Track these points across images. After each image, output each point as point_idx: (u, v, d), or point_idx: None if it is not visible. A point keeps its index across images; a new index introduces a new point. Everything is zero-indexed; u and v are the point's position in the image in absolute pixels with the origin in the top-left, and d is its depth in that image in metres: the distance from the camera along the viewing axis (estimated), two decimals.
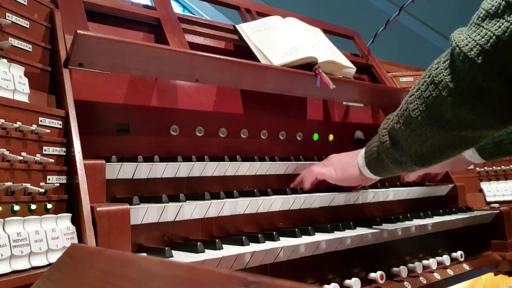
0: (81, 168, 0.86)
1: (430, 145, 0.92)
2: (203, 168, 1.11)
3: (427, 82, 0.86)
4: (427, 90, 0.86)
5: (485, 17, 0.75)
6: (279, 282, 0.34)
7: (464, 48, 0.76)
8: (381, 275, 1.15)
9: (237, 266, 0.87)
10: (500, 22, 0.72)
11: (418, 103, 0.89)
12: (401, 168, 1.04)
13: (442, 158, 0.97)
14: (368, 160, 1.13)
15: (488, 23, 0.74)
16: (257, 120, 1.40)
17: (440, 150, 0.93)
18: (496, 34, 0.72)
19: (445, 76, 0.82)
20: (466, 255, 1.38)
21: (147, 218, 0.90)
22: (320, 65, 1.37)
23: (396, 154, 1.01)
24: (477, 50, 0.74)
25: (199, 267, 0.42)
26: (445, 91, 0.82)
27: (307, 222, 1.26)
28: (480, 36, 0.74)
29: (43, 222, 0.78)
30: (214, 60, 1.16)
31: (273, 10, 1.60)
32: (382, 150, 1.05)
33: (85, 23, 1.07)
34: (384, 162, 1.06)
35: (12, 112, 0.81)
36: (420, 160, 0.98)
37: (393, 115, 1.01)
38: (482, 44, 0.74)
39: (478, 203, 1.73)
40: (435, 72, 0.84)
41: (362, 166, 1.16)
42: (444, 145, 0.91)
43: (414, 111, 0.90)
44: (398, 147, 0.99)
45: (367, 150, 1.13)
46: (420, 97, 0.89)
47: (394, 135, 0.99)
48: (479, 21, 0.76)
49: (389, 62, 2.00)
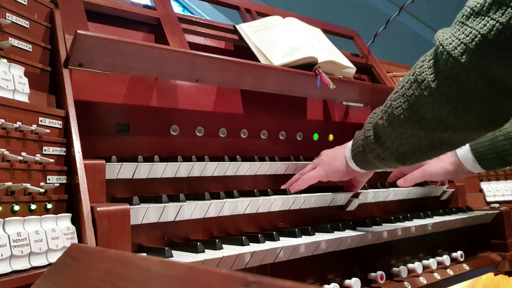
0: (81, 168, 0.86)
1: (411, 145, 0.91)
2: (203, 168, 1.11)
3: (411, 80, 0.84)
4: (410, 88, 0.84)
5: (470, 15, 0.72)
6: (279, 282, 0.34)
7: (447, 47, 0.74)
8: (381, 275, 1.15)
9: (237, 266, 0.87)
10: (485, 20, 0.70)
11: (401, 101, 0.87)
12: (383, 163, 1.03)
13: (423, 158, 0.95)
14: (354, 153, 1.12)
15: (472, 21, 0.72)
16: (257, 120, 1.40)
17: (421, 150, 0.92)
18: (481, 33, 0.70)
19: (427, 75, 0.80)
20: (466, 255, 1.38)
21: (147, 218, 0.90)
22: (320, 65, 1.37)
23: (379, 149, 0.99)
24: (461, 49, 0.72)
25: (199, 267, 0.42)
26: (426, 90, 0.80)
27: (307, 222, 1.26)
28: (465, 35, 0.72)
29: (43, 222, 0.78)
30: (214, 60, 1.16)
31: (273, 10, 1.60)
32: (366, 144, 1.04)
33: (85, 23, 1.07)
34: (368, 156, 1.05)
35: (12, 112, 0.81)
36: (401, 158, 0.97)
37: (379, 110, 0.99)
38: (467, 43, 0.71)
39: (478, 203, 1.73)
40: (419, 71, 0.82)
41: (348, 158, 1.15)
42: (425, 145, 0.90)
43: (397, 109, 0.89)
44: (380, 143, 0.98)
45: (353, 143, 1.12)
46: (403, 95, 0.87)
47: (377, 131, 0.98)
48: (464, 19, 0.73)
49: (389, 62, 2.00)
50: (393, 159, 0.98)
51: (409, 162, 0.97)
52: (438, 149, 0.91)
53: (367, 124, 1.04)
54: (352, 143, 1.13)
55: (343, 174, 1.21)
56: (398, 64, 2.05)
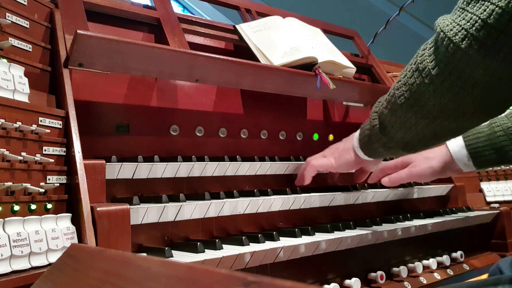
0: (81, 168, 0.86)
1: (415, 133, 0.91)
2: (203, 168, 1.11)
3: (413, 69, 0.84)
4: (412, 77, 0.84)
5: (470, 0, 0.72)
6: (279, 282, 0.34)
7: (448, 33, 0.73)
8: (381, 275, 1.15)
9: (237, 266, 0.87)
10: (485, 5, 0.69)
11: (403, 90, 0.88)
12: (390, 152, 1.04)
13: (428, 146, 0.96)
14: (361, 143, 1.12)
15: (473, 7, 0.71)
16: (257, 120, 1.40)
17: (424, 138, 0.92)
18: (481, 18, 0.69)
19: (428, 63, 0.79)
20: (466, 255, 1.38)
21: (147, 218, 0.90)
22: (320, 65, 1.37)
23: (384, 138, 1.00)
24: (461, 35, 0.71)
25: (199, 267, 0.42)
26: (427, 78, 0.80)
27: (307, 222, 1.26)
28: (465, 21, 0.71)
29: (43, 222, 0.78)
30: (214, 60, 1.16)
31: (273, 10, 1.60)
32: (372, 133, 1.04)
33: (85, 23, 1.07)
34: (374, 145, 1.06)
35: (12, 112, 0.81)
36: (406, 147, 0.97)
37: (383, 99, 0.99)
38: (467, 29, 0.71)
39: (478, 203, 1.73)
40: (420, 59, 0.82)
41: (356, 147, 1.15)
42: (428, 133, 0.90)
43: (399, 98, 0.89)
44: (386, 132, 0.99)
45: (360, 132, 1.12)
46: (405, 84, 0.87)
47: (383, 120, 0.98)
48: (464, 5, 0.73)
49: (389, 62, 2.00)
50: (399, 147, 0.99)
51: (414, 150, 0.98)
52: (441, 137, 0.92)
53: (372, 113, 1.04)
54: (359, 132, 1.13)
55: (353, 165, 1.21)
56: (398, 64, 2.05)
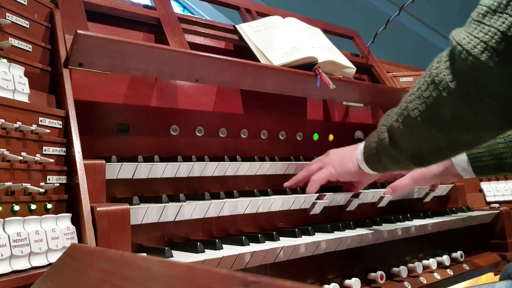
0: (81, 168, 0.86)
1: (429, 146, 0.91)
2: (203, 168, 1.11)
3: (427, 82, 0.85)
4: (427, 90, 0.84)
5: (486, 13, 0.72)
6: (279, 282, 0.34)
7: (466, 46, 0.73)
8: (381, 275, 1.15)
9: (237, 266, 0.87)
10: (504, 17, 0.69)
11: (417, 103, 0.88)
12: (398, 166, 1.04)
13: (441, 159, 0.96)
14: (366, 156, 1.12)
15: (490, 19, 0.71)
16: (257, 120, 1.40)
17: (439, 151, 0.92)
18: (500, 30, 0.69)
19: (445, 76, 0.80)
20: (466, 255, 1.38)
21: (147, 218, 0.90)
22: (320, 65, 1.37)
23: (394, 151, 1.00)
24: (481, 47, 0.72)
25: (199, 267, 0.42)
26: (445, 91, 0.80)
27: (307, 222, 1.26)
28: (483, 33, 0.72)
29: (43, 222, 0.78)
30: (214, 60, 1.16)
31: (273, 10, 1.60)
32: (380, 146, 1.04)
33: (85, 23, 1.07)
34: (382, 158, 1.06)
35: (12, 112, 0.81)
36: (417, 160, 0.97)
37: (392, 112, 0.99)
38: (486, 41, 0.71)
39: (478, 203, 1.73)
40: (436, 72, 0.82)
41: (360, 161, 1.15)
42: (443, 146, 0.90)
43: (413, 111, 0.89)
44: (396, 145, 0.99)
45: (366, 145, 1.12)
46: (419, 97, 0.87)
47: (393, 133, 0.98)
48: (480, 18, 0.73)
49: (389, 62, 2.00)
50: (408, 160, 0.98)
51: (426, 163, 0.98)
52: (457, 150, 0.92)
53: (380, 126, 1.04)
54: (364, 146, 1.13)
55: (354, 176, 1.22)
56: (398, 64, 2.05)
